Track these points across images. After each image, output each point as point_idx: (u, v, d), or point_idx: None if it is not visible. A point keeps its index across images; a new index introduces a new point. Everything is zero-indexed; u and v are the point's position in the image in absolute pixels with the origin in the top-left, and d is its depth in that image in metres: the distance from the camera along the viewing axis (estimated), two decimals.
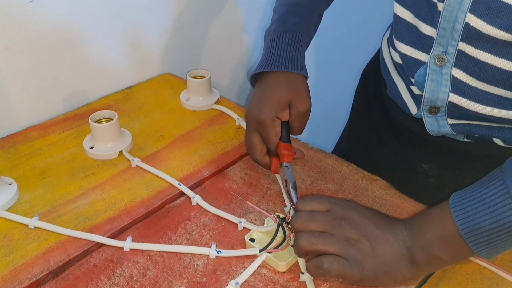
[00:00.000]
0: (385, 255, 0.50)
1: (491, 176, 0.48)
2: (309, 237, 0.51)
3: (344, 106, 0.80)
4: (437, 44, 0.57)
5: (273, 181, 0.69)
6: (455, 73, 0.58)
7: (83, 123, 0.81)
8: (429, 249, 0.50)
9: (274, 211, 0.64)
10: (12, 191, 0.65)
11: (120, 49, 0.91)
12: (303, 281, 0.54)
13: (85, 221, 0.62)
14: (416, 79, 0.62)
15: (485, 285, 0.55)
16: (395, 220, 0.54)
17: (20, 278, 0.54)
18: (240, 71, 1.23)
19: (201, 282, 0.54)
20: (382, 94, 0.77)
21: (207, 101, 0.85)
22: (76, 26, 0.82)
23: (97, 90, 0.89)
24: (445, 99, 0.60)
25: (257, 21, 1.19)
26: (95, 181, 0.68)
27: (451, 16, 0.53)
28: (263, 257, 0.56)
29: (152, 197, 0.65)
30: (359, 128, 0.87)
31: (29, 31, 0.76)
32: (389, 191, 0.67)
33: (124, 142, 0.74)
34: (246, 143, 0.68)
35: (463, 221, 0.47)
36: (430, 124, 0.65)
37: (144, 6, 0.90)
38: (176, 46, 1.01)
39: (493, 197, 0.46)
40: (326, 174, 0.70)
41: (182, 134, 0.79)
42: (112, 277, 0.55)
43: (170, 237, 0.60)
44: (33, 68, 0.79)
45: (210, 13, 1.05)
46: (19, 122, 0.80)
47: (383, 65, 0.74)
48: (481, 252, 0.48)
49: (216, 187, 0.68)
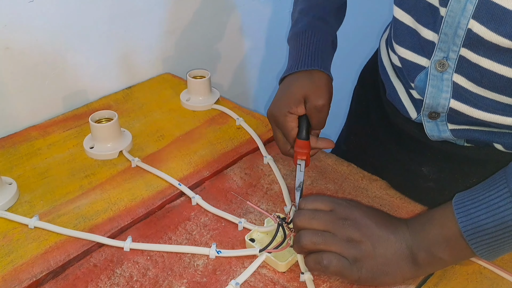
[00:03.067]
0: (386, 255, 0.50)
1: (495, 178, 0.48)
2: (311, 236, 0.51)
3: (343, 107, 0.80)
4: (439, 49, 0.56)
5: (273, 181, 0.69)
6: (456, 79, 0.57)
7: (83, 123, 0.81)
8: (431, 249, 0.50)
9: (274, 211, 0.64)
10: (12, 191, 0.65)
11: (120, 49, 0.91)
12: (303, 281, 0.54)
13: (85, 221, 0.62)
14: (417, 84, 0.61)
15: (485, 285, 0.55)
16: (397, 220, 0.54)
17: (20, 278, 0.54)
18: (240, 71, 1.23)
19: (201, 282, 0.54)
20: (381, 96, 0.76)
21: (207, 101, 0.85)
22: (77, 26, 0.82)
23: (97, 90, 0.89)
24: (445, 105, 0.60)
25: (257, 21, 1.19)
26: (95, 181, 0.68)
27: (453, 22, 0.53)
28: (263, 257, 0.56)
29: (152, 197, 0.65)
30: (357, 129, 0.87)
31: (29, 31, 0.76)
32: (389, 191, 0.67)
33: (124, 142, 0.74)
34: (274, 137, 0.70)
35: (466, 222, 0.47)
36: (430, 129, 0.65)
37: (144, 6, 0.90)
38: (176, 46, 1.01)
39: (496, 200, 0.46)
40: (326, 174, 0.70)
41: (182, 134, 0.79)
42: (112, 277, 0.54)
43: (170, 237, 0.60)
44: (33, 68, 0.79)
45: (210, 13, 1.05)
46: (19, 122, 0.80)
47: (381, 68, 0.73)
48: (482, 254, 0.48)
49: (216, 187, 0.68)
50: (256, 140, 0.77)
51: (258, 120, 0.83)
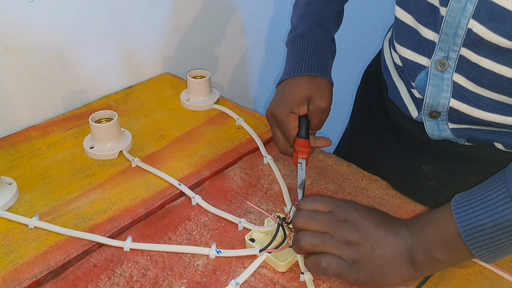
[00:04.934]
0: (385, 257, 0.50)
1: (494, 179, 0.48)
2: (310, 238, 0.51)
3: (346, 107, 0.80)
4: (439, 49, 0.56)
5: (273, 181, 0.69)
6: (456, 79, 0.57)
7: (83, 123, 0.81)
8: (430, 250, 0.50)
9: (274, 211, 0.64)
10: (12, 191, 0.65)
11: (120, 49, 0.91)
12: (303, 281, 0.54)
13: (85, 221, 0.62)
14: (417, 84, 0.61)
15: (485, 285, 0.55)
16: (396, 221, 0.54)
17: (20, 278, 0.54)
18: (240, 71, 1.23)
19: (201, 282, 0.54)
20: (383, 96, 0.76)
21: (207, 101, 0.85)
22: (77, 26, 0.82)
23: (97, 90, 0.89)
24: (445, 105, 0.60)
25: (256, 21, 1.19)
26: (95, 181, 0.68)
27: (453, 22, 0.53)
28: (263, 257, 0.56)
29: (152, 197, 0.65)
30: (360, 129, 0.87)
31: (29, 31, 0.76)
32: (389, 191, 0.67)
33: (124, 142, 0.74)
34: (273, 136, 0.70)
35: (464, 223, 0.47)
36: (430, 128, 0.65)
37: (144, 6, 0.90)
38: (176, 46, 1.01)
39: (495, 200, 0.46)
40: (326, 174, 0.70)
41: (182, 134, 0.79)
42: (112, 277, 0.54)
43: (170, 237, 0.60)
44: (33, 68, 0.79)
45: (210, 13, 1.05)
46: (19, 122, 0.80)
47: (384, 67, 0.74)
48: (481, 255, 0.48)
49: (216, 187, 0.68)
50: (256, 140, 0.77)
51: (258, 120, 0.83)
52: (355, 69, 0.82)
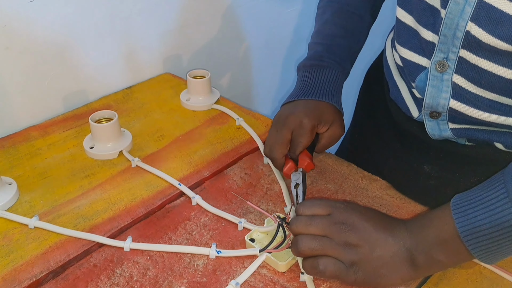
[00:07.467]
0: (384, 258, 0.50)
1: (493, 179, 0.48)
2: (308, 242, 0.51)
3: (348, 106, 0.80)
4: (439, 50, 0.57)
5: (273, 181, 0.69)
6: (456, 80, 0.58)
7: (83, 123, 0.81)
8: (429, 251, 0.49)
9: (274, 211, 0.64)
10: (12, 191, 0.65)
11: (120, 49, 0.91)
12: (303, 281, 0.54)
13: (85, 221, 0.62)
14: (417, 84, 0.62)
15: (485, 285, 0.55)
16: (396, 222, 0.53)
17: (20, 278, 0.54)
18: (240, 71, 1.23)
19: (201, 282, 0.54)
20: (385, 96, 0.77)
21: (207, 101, 0.85)
22: (77, 26, 0.82)
23: (97, 90, 0.89)
24: (445, 105, 0.60)
25: (257, 21, 1.19)
26: (95, 181, 0.68)
27: (452, 24, 0.53)
28: (263, 257, 0.56)
29: (152, 197, 0.65)
30: (362, 128, 0.87)
31: (29, 31, 0.76)
32: (389, 191, 0.67)
33: (124, 142, 0.74)
34: (271, 137, 0.67)
35: (463, 224, 0.47)
36: (431, 128, 0.65)
37: (144, 6, 0.90)
38: (176, 46, 1.01)
39: (494, 201, 0.46)
40: (326, 174, 0.70)
41: (182, 134, 0.79)
42: (112, 277, 0.55)
43: (170, 237, 0.60)
44: (33, 68, 0.79)
45: (210, 13, 1.05)
46: (19, 122, 0.80)
47: (386, 67, 0.74)
48: (480, 256, 0.48)
49: (216, 187, 0.68)
50: (256, 140, 0.77)
51: (258, 120, 0.83)
52: (358, 69, 0.82)
